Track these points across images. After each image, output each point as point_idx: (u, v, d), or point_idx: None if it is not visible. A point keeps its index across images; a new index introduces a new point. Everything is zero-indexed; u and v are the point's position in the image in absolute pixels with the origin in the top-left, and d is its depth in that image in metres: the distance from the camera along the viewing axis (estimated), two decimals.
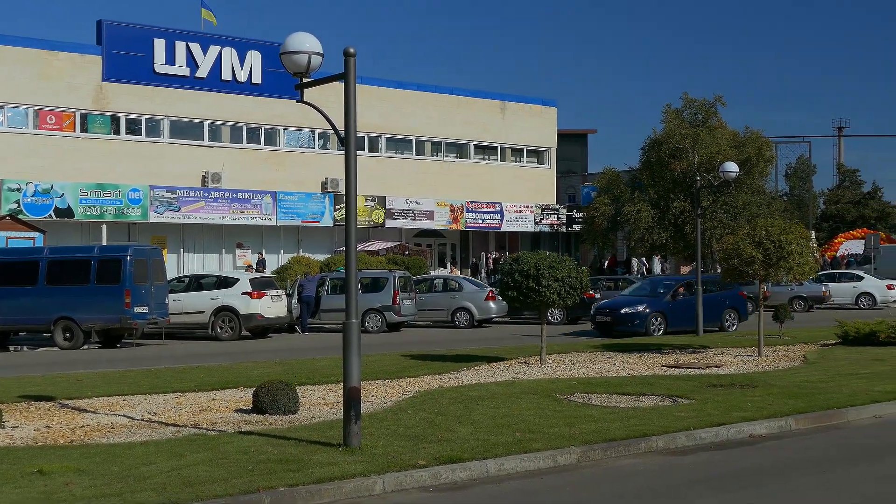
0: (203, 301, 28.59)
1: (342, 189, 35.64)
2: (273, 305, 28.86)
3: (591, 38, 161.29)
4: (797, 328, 27.46)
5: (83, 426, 12.55)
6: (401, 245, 46.26)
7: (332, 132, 13.81)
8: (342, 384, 11.28)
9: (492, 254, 51.66)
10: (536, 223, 52.44)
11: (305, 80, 11.19)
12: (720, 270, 27.96)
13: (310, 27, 17.80)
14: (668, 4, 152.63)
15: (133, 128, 41.87)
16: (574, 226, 52.96)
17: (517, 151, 53.76)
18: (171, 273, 34.40)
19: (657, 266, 50.92)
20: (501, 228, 51.77)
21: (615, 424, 12.20)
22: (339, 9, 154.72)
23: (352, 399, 10.77)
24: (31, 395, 15.07)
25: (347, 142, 10.87)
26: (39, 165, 38.96)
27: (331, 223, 45.20)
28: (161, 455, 10.41)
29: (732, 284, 29.68)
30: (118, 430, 12.20)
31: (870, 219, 67.83)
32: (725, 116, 44.19)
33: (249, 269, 39.23)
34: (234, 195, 42.70)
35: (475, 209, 50.07)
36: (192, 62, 42.77)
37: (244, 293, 28.38)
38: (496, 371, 18.57)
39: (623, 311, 27.72)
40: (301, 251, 44.96)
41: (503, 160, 53.17)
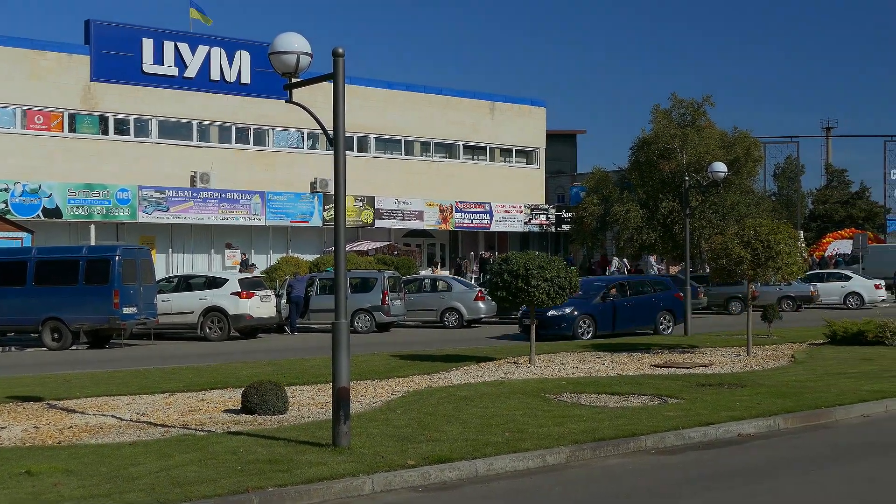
0: (192, 301, 28.55)
1: (331, 189, 35.50)
2: (262, 306, 28.83)
3: (580, 39, 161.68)
4: (785, 328, 27.55)
5: (71, 427, 12.50)
6: (390, 245, 46.25)
7: (321, 132, 13.80)
8: (331, 384, 11.28)
9: (484, 253, 51.51)
10: (526, 223, 52.48)
11: (294, 81, 11.19)
12: (709, 270, 28.10)
13: (298, 27, 17.81)
14: (657, 5, 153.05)
15: (121, 128, 41.77)
16: (563, 226, 53.04)
17: (506, 151, 53.78)
18: (160, 273, 34.33)
19: (653, 265, 50.91)
20: (491, 228, 51.79)
21: (604, 424, 12.21)
22: (327, 9, 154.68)
23: (341, 399, 10.76)
24: (20, 396, 15.02)
25: (336, 142, 10.87)
26: (27, 165, 38.86)
27: (320, 223, 45.16)
28: (150, 455, 10.39)
29: (668, 285, 29.80)
30: (107, 431, 12.16)
31: (858, 219, 68.11)
32: (714, 117, 44.45)
33: (249, 269, 39.04)
34: (223, 195, 42.62)
35: (464, 209, 50.08)
36: (181, 62, 42.68)
37: (233, 293, 28.35)
38: (485, 371, 18.58)
39: (549, 314, 26.06)
40: (290, 251, 44.88)
41: (492, 160, 53.19)
